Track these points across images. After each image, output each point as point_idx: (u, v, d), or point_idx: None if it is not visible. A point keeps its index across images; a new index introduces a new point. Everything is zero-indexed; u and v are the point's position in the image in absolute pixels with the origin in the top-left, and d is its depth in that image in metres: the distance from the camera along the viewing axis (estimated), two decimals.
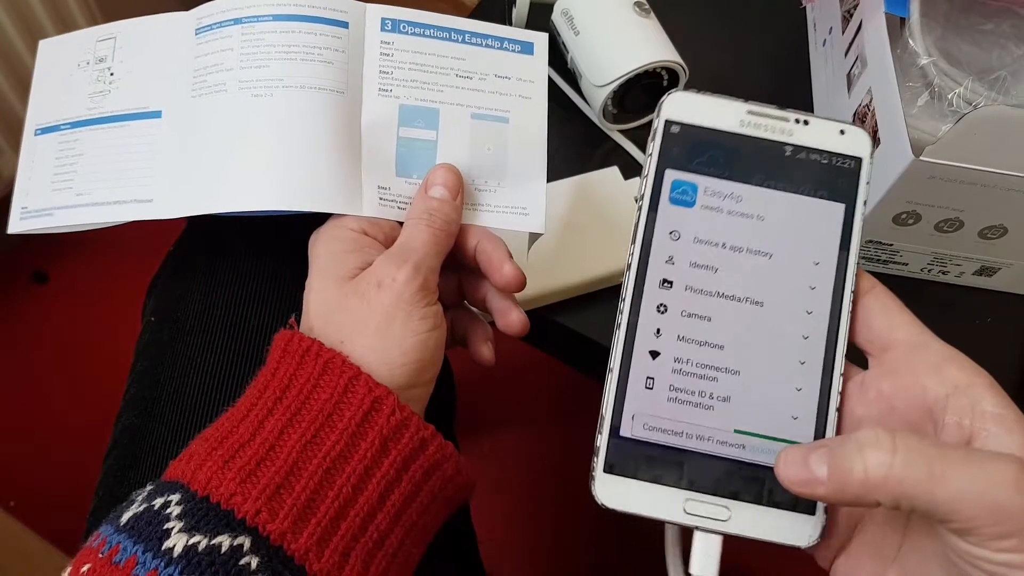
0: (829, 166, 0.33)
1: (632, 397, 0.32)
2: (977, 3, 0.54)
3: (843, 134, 0.33)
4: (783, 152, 0.33)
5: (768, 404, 0.32)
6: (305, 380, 0.35)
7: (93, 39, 0.45)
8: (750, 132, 0.33)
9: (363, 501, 0.33)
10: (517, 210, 0.44)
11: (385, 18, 0.44)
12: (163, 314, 0.48)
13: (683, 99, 0.33)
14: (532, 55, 0.45)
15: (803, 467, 0.28)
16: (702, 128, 0.33)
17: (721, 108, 0.33)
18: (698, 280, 0.33)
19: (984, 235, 0.52)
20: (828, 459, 0.27)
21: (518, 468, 1.08)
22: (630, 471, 0.31)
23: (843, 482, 0.26)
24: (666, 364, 0.32)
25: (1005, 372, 0.54)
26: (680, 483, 0.31)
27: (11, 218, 0.44)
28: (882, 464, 0.26)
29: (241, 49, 0.42)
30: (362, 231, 0.40)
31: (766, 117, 0.33)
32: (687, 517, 0.31)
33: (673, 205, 0.33)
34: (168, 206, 0.42)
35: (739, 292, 0.33)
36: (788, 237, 0.33)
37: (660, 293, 0.33)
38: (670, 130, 0.33)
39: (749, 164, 0.33)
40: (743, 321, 0.32)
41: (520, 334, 0.42)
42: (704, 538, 0.31)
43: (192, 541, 0.29)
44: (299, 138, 0.41)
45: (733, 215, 0.33)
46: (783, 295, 0.33)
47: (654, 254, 0.33)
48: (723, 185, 0.33)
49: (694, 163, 0.33)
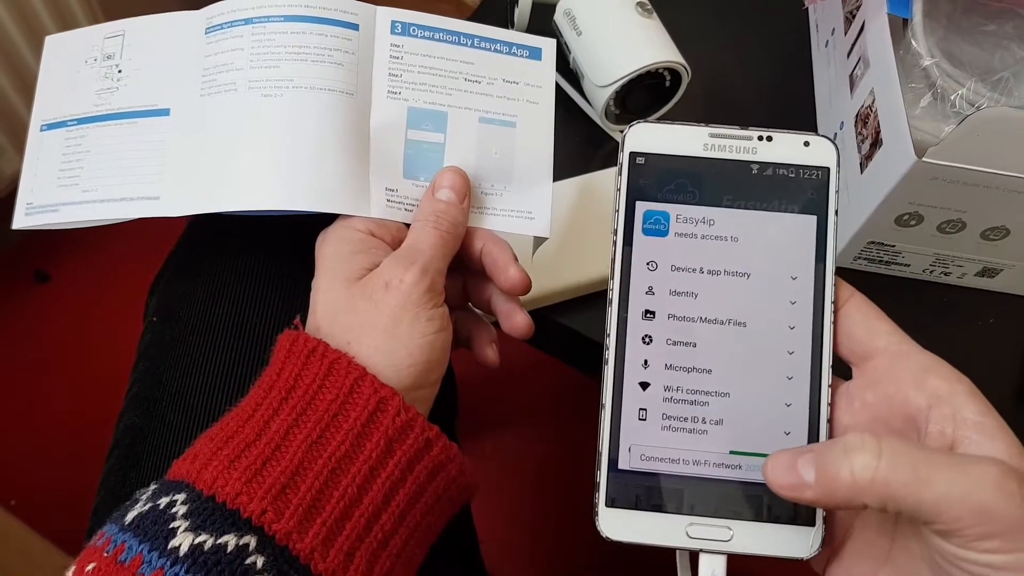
0: (797, 179, 0.33)
1: (627, 430, 0.33)
2: (980, 4, 0.54)
3: (808, 146, 0.34)
4: (750, 170, 0.34)
5: (760, 422, 0.33)
6: (311, 380, 0.35)
7: (101, 36, 0.45)
8: (715, 155, 0.34)
9: (368, 501, 0.33)
10: (523, 214, 0.44)
11: (395, 21, 0.44)
12: (165, 314, 0.48)
13: (644, 130, 0.34)
14: (540, 61, 0.45)
15: (791, 471, 0.28)
16: (667, 156, 0.34)
17: (683, 134, 0.34)
18: (680, 307, 0.33)
19: (986, 236, 0.52)
20: (815, 463, 0.28)
21: (519, 468, 1.08)
22: (631, 503, 0.32)
23: (831, 486, 0.27)
24: (657, 394, 0.33)
25: (1006, 373, 0.54)
26: (681, 509, 0.32)
27: (16, 214, 0.44)
28: (868, 467, 0.26)
29: (252, 49, 0.42)
30: (369, 232, 0.40)
31: (729, 138, 0.34)
32: (691, 541, 0.32)
33: (647, 236, 0.34)
34: (175, 204, 0.42)
35: (721, 315, 0.33)
36: (764, 255, 0.33)
37: (644, 324, 0.33)
38: (635, 161, 0.34)
39: (717, 186, 0.33)
40: (728, 343, 0.33)
41: (525, 336, 0.42)
42: (709, 560, 0.32)
43: (198, 540, 0.29)
44: (308, 139, 0.41)
45: (707, 239, 0.33)
46: (765, 313, 0.33)
47: (634, 286, 0.33)
48: (694, 211, 0.33)
49: (663, 191, 0.34)
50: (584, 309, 0.54)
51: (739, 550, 0.31)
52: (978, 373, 0.54)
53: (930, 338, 0.35)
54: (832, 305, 0.33)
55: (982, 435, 0.28)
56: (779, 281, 0.33)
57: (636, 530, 0.32)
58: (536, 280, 0.41)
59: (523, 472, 1.07)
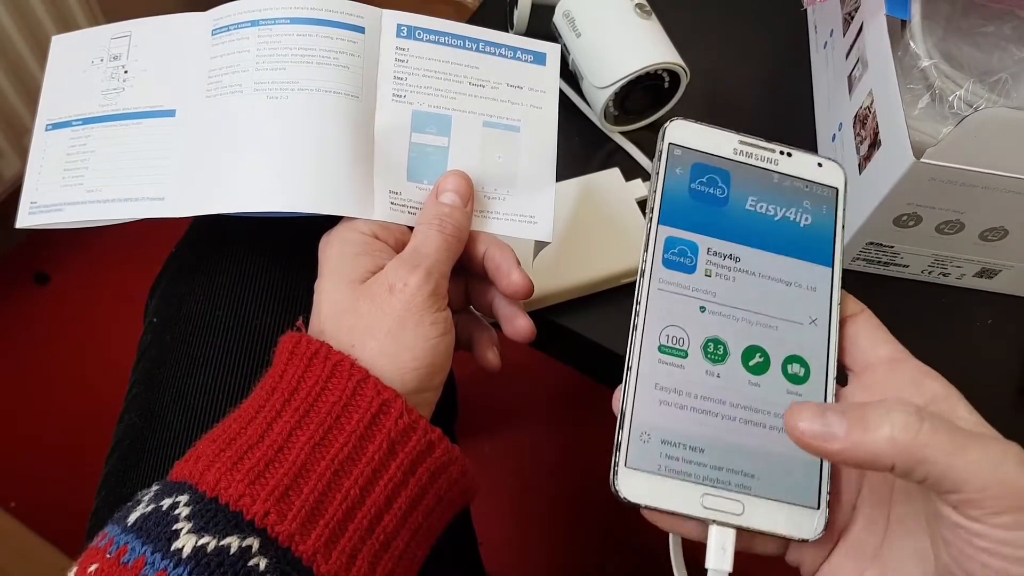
0: (811, 193, 0.36)
1: (652, 393, 0.33)
2: (978, 5, 0.54)
3: (820, 167, 0.37)
4: (771, 179, 0.36)
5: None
6: (314, 382, 0.35)
7: (107, 36, 0.46)
8: (742, 159, 0.36)
9: (370, 503, 0.33)
10: (525, 218, 0.44)
11: (401, 24, 0.44)
12: (165, 315, 0.48)
13: (683, 126, 0.36)
14: (544, 65, 0.46)
15: (819, 420, 0.28)
16: (701, 152, 0.36)
17: (716, 137, 0.36)
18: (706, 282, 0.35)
19: (985, 237, 0.52)
20: (850, 417, 0.28)
21: (518, 469, 1.08)
22: (651, 467, 0.32)
23: (863, 440, 0.27)
24: None
25: (1005, 374, 0.54)
26: (699, 478, 0.32)
27: (20, 213, 0.44)
28: (910, 427, 0.27)
29: (258, 51, 0.42)
30: (373, 235, 0.40)
31: (755, 147, 0.36)
32: (704, 511, 0.32)
33: (680, 217, 0.35)
34: (179, 205, 0.42)
35: (744, 296, 0.35)
36: (783, 254, 0.35)
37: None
38: (673, 152, 0.36)
39: (743, 186, 0.36)
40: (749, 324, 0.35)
41: (527, 340, 0.42)
42: (719, 532, 0.32)
43: (201, 542, 0.30)
44: (313, 141, 0.41)
45: (734, 230, 0.35)
46: (782, 298, 0.35)
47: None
48: (723, 203, 0.36)
49: (696, 181, 0.36)
50: (584, 310, 0.54)
51: (749, 525, 0.32)
52: (977, 374, 0.55)
53: (929, 339, 0.35)
54: (839, 306, 0.35)
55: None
56: (794, 282, 0.35)
57: (652, 495, 0.32)
58: (536, 281, 0.42)
59: (522, 472, 1.08)
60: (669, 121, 0.36)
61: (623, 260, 0.53)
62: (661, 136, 0.36)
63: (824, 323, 0.35)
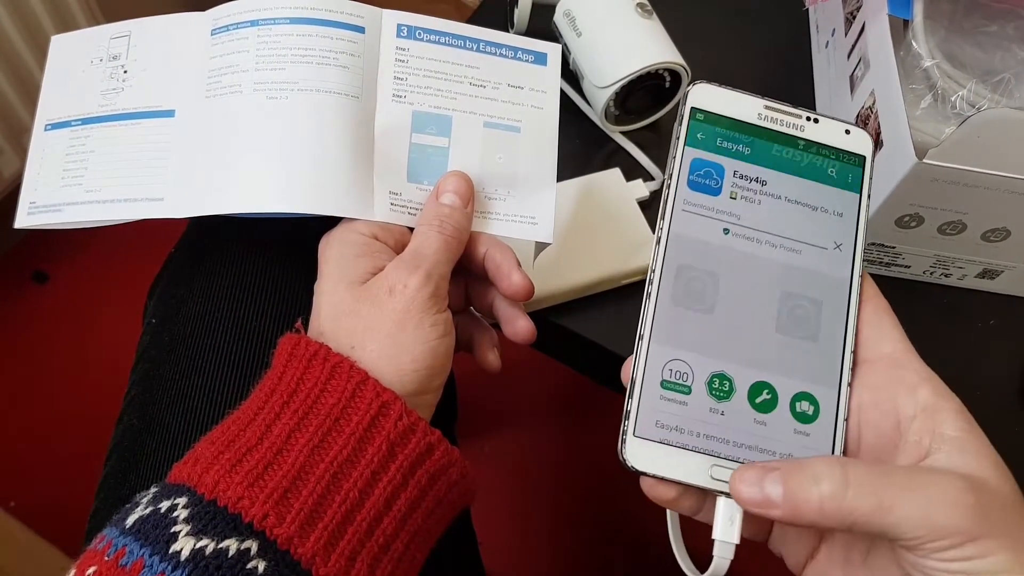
0: (837, 161, 0.36)
1: (663, 361, 0.33)
2: (981, 5, 0.54)
3: (848, 134, 0.36)
4: (797, 145, 0.35)
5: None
6: (312, 384, 0.35)
7: (107, 36, 0.45)
8: (766, 124, 0.35)
9: (370, 505, 0.33)
10: (526, 219, 0.44)
11: (401, 24, 0.44)
12: (164, 316, 0.48)
13: (706, 90, 0.36)
14: (546, 66, 0.45)
15: (757, 487, 0.30)
16: (724, 117, 0.35)
17: (740, 101, 0.36)
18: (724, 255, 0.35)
19: (987, 238, 0.52)
20: (783, 483, 0.29)
21: (518, 469, 1.08)
22: (660, 437, 0.32)
23: (799, 509, 0.29)
24: None
25: (1007, 375, 0.54)
26: (708, 449, 0.32)
27: (19, 213, 0.44)
28: (835, 496, 0.28)
29: (257, 51, 0.42)
30: (373, 236, 0.40)
31: (781, 112, 0.36)
32: (713, 482, 0.32)
33: (699, 183, 0.35)
34: (179, 205, 0.42)
35: (762, 269, 0.34)
36: (806, 220, 0.35)
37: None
38: (695, 116, 0.35)
39: (767, 152, 0.35)
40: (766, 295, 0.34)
41: (527, 342, 0.42)
42: (727, 504, 0.32)
43: (199, 544, 0.29)
44: (313, 141, 0.41)
45: (757, 194, 0.35)
46: (803, 274, 0.34)
47: (682, 226, 0.34)
48: (745, 167, 0.35)
49: (718, 146, 0.35)
50: (584, 310, 0.54)
51: None
52: (978, 375, 0.54)
53: (931, 340, 0.35)
54: (860, 279, 0.34)
55: (954, 448, 0.30)
56: (819, 248, 0.35)
57: (660, 464, 0.32)
58: (536, 282, 0.42)
59: (522, 473, 1.07)
60: (692, 84, 0.35)
61: (624, 260, 0.53)
62: (683, 100, 0.35)
63: (844, 288, 0.34)
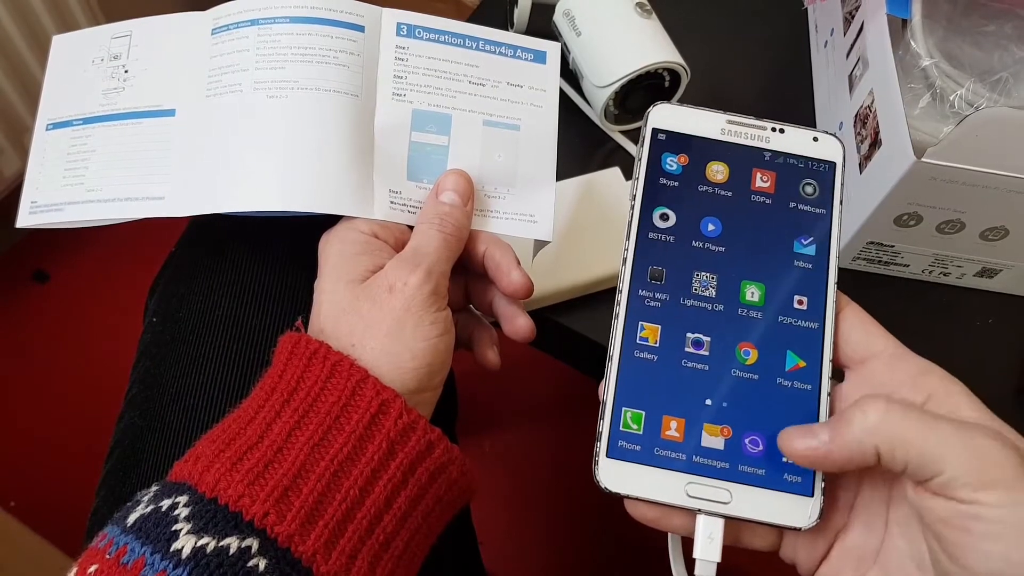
0: (806, 170, 0.35)
1: (633, 381, 0.33)
2: (979, 5, 0.54)
3: (816, 141, 0.36)
4: (763, 157, 0.35)
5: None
6: (313, 382, 0.35)
7: (108, 36, 0.46)
8: (730, 139, 0.35)
9: (370, 503, 0.33)
10: (526, 217, 0.44)
11: (401, 23, 0.44)
12: (165, 314, 0.48)
13: (667, 110, 0.36)
14: (545, 64, 0.45)
15: (807, 436, 0.30)
16: (686, 135, 0.35)
17: (702, 118, 0.36)
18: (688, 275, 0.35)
19: (985, 237, 0.52)
20: (830, 424, 0.30)
21: (518, 468, 1.08)
22: (633, 456, 0.32)
23: (844, 435, 0.29)
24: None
25: (1005, 373, 0.54)
26: (682, 467, 0.32)
27: (20, 212, 0.44)
28: (879, 410, 0.28)
29: (257, 50, 0.42)
30: (373, 234, 0.40)
31: (744, 126, 0.35)
32: (689, 500, 0.31)
33: (663, 205, 0.35)
34: (180, 204, 0.42)
35: (729, 288, 0.34)
36: (774, 236, 0.35)
37: (654, 284, 0.34)
38: (657, 137, 0.35)
39: (731, 168, 0.35)
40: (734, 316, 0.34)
41: (527, 340, 0.42)
42: (706, 522, 0.31)
43: (201, 543, 0.29)
44: (313, 140, 0.41)
45: (721, 213, 0.35)
46: (772, 286, 0.34)
47: (647, 248, 0.35)
48: (709, 186, 0.35)
49: (681, 166, 0.35)
50: (584, 309, 0.54)
51: (737, 514, 0.31)
52: (977, 373, 0.55)
53: (929, 338, 0.35)
54: (835, 292, 0.34)
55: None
56: (787, 263, 0.34)
57: (635, 484, 0.31)
58: (536, 280, 0.42)
59: (522, 472, 1.08)
60: (653, 106, 0.36)
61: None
62: (644, 121, 0.35)
63: (820, 310, 0.34)
